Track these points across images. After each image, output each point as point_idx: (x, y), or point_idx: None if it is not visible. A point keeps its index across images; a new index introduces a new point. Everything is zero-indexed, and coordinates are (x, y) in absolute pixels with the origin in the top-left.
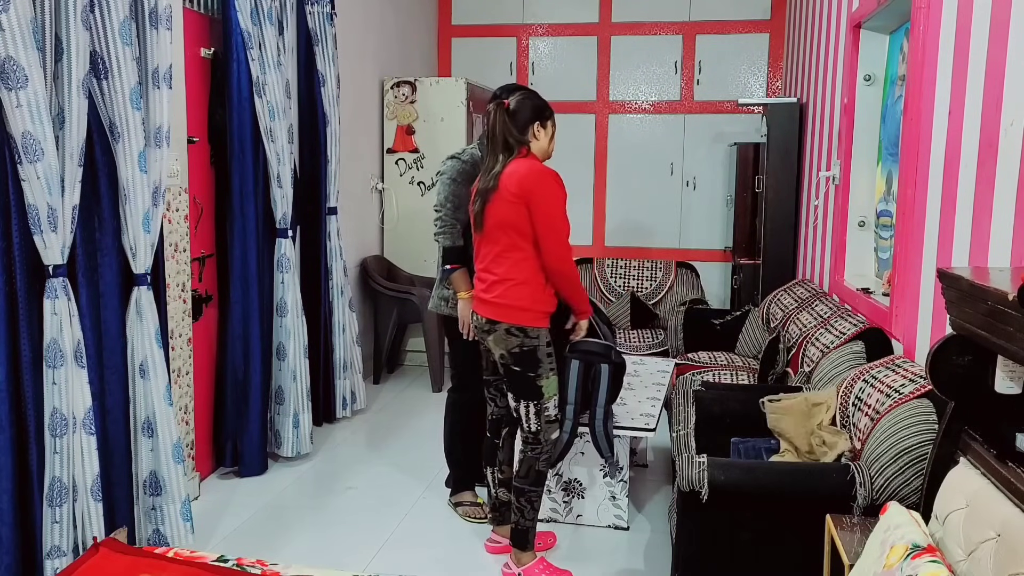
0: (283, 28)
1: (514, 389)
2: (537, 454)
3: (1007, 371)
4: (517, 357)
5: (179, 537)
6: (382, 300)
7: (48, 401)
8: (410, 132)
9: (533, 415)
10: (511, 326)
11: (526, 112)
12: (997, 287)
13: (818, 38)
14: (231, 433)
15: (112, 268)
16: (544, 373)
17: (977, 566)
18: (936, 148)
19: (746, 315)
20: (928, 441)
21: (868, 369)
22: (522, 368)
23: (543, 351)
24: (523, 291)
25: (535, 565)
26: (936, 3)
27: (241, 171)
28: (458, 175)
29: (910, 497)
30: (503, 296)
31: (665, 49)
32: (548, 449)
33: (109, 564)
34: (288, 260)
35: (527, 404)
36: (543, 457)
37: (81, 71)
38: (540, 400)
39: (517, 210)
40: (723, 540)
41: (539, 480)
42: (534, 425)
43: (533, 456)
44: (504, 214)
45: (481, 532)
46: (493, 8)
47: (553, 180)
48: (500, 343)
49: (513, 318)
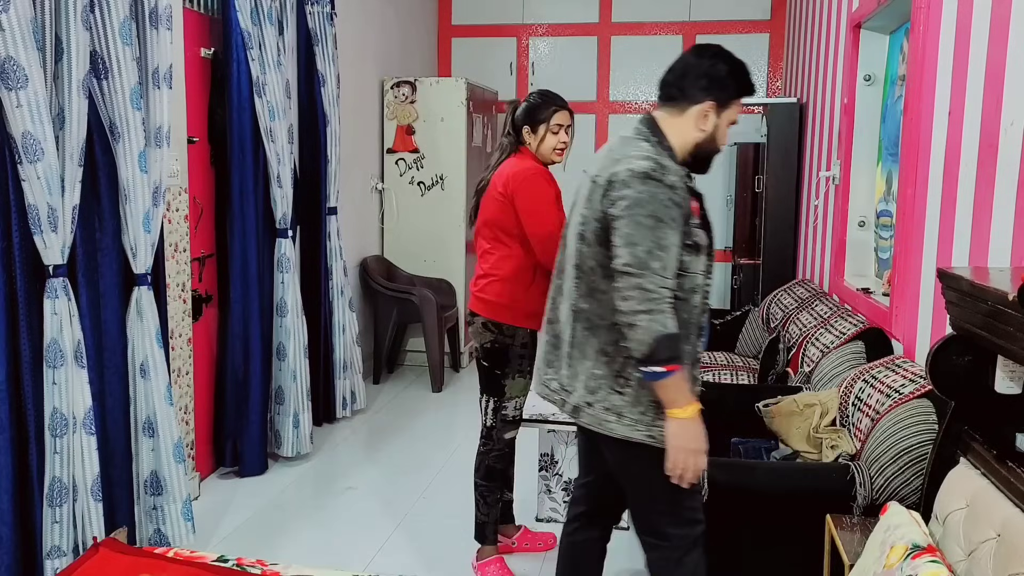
0: (283, 28)
1: (480, 381)
2: (488, 450)
3: (1007, 371)
4: (487, 352)
5: (180, 537)
6: (382, 300)
7: (48, 401)
8: (410, 132)
9: (491, 411)
10: (488, 320)
11: (521, 115)
12: (997, 287)
13: (818, 38)
14: (231, 433)
15: (112, 268)
16: (511, 373)
17: (977, 566)
18: (936, 148)
19: (746, 315)
20: (928, 441)
21: (868, 369)
22: (490, 364)
23: (515, 352)
24: (504, 288)
25: (491, 562)
26: (936, 3)
27: (241, 171)
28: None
29: (910, 497)
30: (484, 290)
31: (665, 49)
32: (500, 447)
33: (109, 564)
34: (288, 260)
35: (488, 399)
36: (493, 454)
37: (81, 71)
38: (501, 398)
39: (503, 208)
40: (723, 540)
41: (489, 475)
42: (490, 420)
43: (484, 451)
44: (492, 211)
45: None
46: (493, 8)
47: (538, 177)
48: (476, 336)
49: (491, 313)
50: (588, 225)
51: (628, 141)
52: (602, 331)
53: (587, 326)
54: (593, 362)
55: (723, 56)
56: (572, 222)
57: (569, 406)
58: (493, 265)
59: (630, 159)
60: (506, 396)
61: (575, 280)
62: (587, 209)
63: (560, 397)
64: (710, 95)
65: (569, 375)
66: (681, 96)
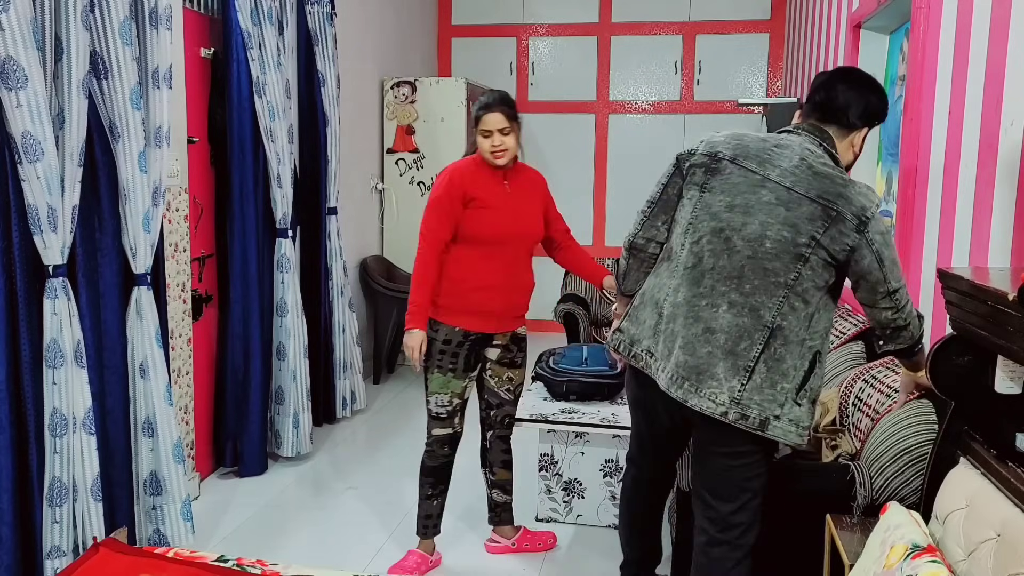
0: (283, 28)
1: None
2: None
3: (1007, 371)
4: (426, 345)
5: (179, 537)
6: (382, 300)
7: (48, 401)
8: (410, 132)
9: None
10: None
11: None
12: (997, 287)
13: (818, 38)
14: (231, 433)
15: (112, 268)
16: (431, 367)
17: (977, 566)
18: (936, 148)
19: None
20: (928, 441)
21: (868, 369)
22: (425, 357)
23: (437, 346)
24: (439, 285)
25: (410, 554)
26: (936, 3)
27: (241, 171)
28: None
29: (910, 497)
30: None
31: (665, 49)
32: (430, 445)
33: (109, 564)
34: (288, 260)
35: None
36: (425, 450)
37: (81, 71)
38: (425, 392)
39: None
40: None
41: (422, 471)
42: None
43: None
44: None
45: (481, 532)
46: (493, 8)
47: (442, 176)
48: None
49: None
50: (817, 252)
51: (820, 156)
52: (795, 347)
53: (783, 342)
54: (782, 376)
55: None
56: (774, 238)
57: (749, 417)
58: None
59: (866, 193)
60: (428, 391)
61: (781, 299)
62: (823, 237)
63: (732, 410)
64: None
65: (751, 387)
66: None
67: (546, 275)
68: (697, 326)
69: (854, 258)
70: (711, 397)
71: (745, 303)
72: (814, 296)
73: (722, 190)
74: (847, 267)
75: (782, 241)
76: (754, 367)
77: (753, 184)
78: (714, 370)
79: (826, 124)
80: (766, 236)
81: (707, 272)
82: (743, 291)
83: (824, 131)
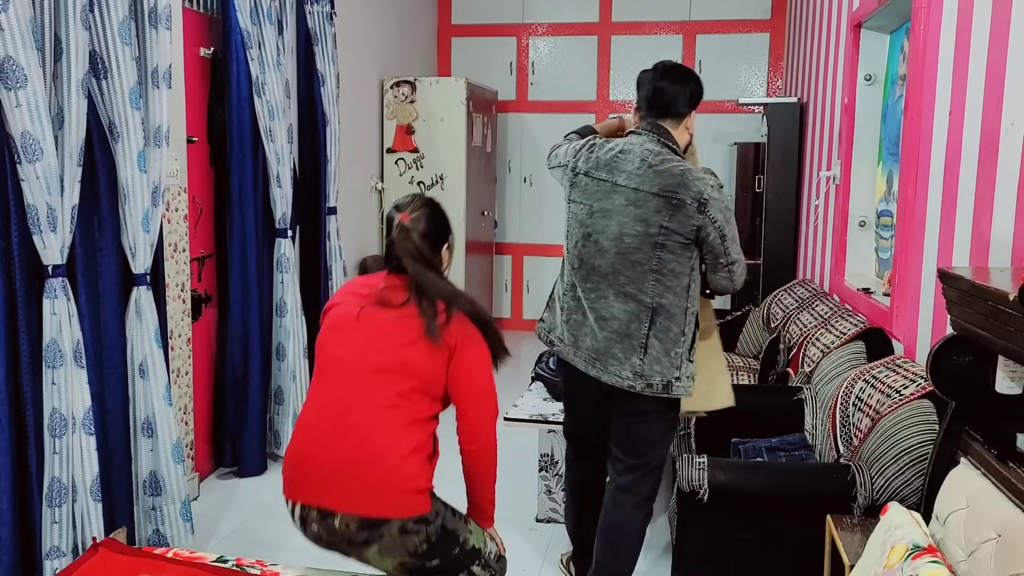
0: (283, 28)
1: None
2: None
3: (1008, 371)
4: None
5: (179, 537)
6: None
7: (47, 401)
8: (410, 132)
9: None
10: None
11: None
12: (997, 287)
13: (818, 38)
14: (231, 433)
15: (111, 268)
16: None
17: (978, 566)
18: (936, 148)
19: (746, 315)
20: (929, 441)
21: (869, 369)
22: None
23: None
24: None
25: None
26: (936, 3)
27: (241, 171)
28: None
29: (911, 497)
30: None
31: (665, 49)
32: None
33: (109, 564)
34: (288, 260)
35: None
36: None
37: (80, 71)
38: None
39: None
40: (723, 540)
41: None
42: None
43: None
44: None
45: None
46: (493, 8)
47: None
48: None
49: None
50: (671, 237)
51: (658, 154)
52: (679, 316)
53: (666, 316)
54: (673, 343)
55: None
56: (631, 234)
57: (653, 385)
58: None
59: (702, 178)
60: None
61: (652, 282)
62: (670, 223)
63: (639, 382)
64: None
65: (649, 360)
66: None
67: (546, 275)
68: (592, 316)
69: (701, 236)
70: (617, 373)
71: (625, 292)
72: (683, 271)
73: (583, 200)
74: (703, 244)
75: (638, 235)
76: (647, 343)
77: (606, 192)
78: (613, 351)
79: (662, 119)
80: (624, 233)
81: (591, 271)
82: (620, 282)
83: (660, 127)
